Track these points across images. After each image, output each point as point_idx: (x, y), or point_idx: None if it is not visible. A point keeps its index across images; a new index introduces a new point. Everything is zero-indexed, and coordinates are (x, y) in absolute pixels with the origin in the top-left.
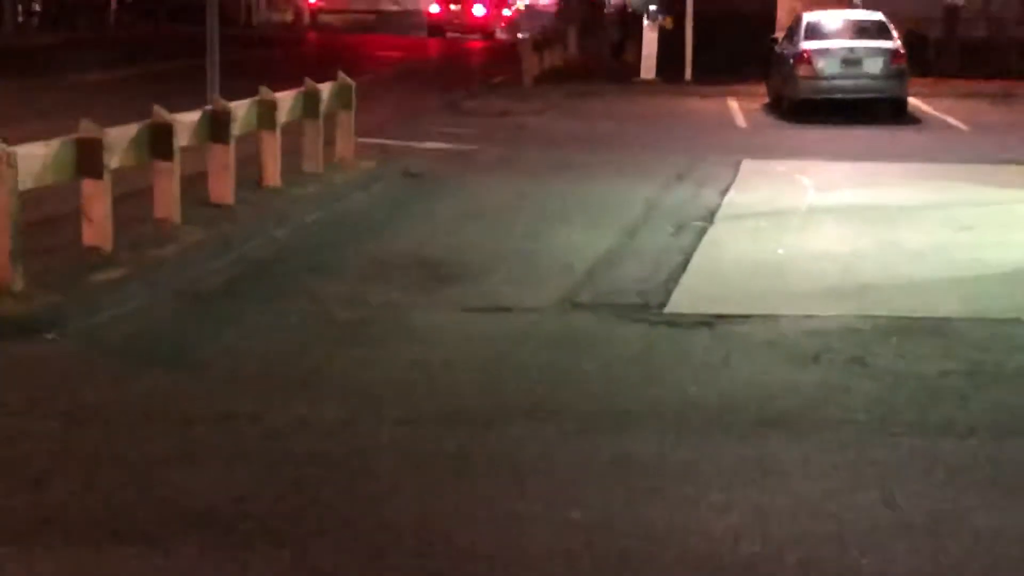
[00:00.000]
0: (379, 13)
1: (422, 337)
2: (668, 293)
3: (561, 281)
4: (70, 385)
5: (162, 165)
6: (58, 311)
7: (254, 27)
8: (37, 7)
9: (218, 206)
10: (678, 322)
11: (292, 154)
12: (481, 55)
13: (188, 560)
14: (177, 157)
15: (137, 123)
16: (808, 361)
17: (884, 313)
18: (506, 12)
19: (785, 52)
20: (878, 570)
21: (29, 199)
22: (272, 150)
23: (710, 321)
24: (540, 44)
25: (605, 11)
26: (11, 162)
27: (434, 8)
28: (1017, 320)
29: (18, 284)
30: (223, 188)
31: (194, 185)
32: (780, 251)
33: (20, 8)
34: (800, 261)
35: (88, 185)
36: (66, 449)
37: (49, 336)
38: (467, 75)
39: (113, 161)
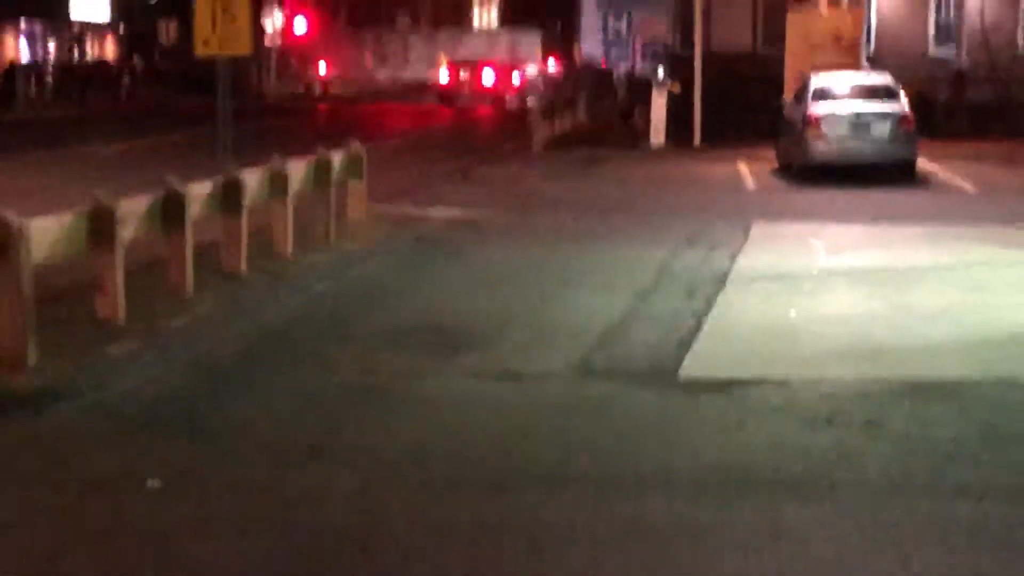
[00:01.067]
0: (390, 82)
1: (435, 404)
2: (681, 358)
3: (574, 346)
4: (84, 457)
5: (175, 236)
6: (71, 383)
7: (265, 97)
8: (50, 80)
9: (231, 275)
10: (692, 387)
11: (304, 222)
12: (491, 122)
13: None
14: (189, 228)
15: (149, 194)
16: (822, 424)
17: (897, 376)
18: (515, 79)
19: (793, 116)
20: None
21: (42, 271)
22: (284, 219)
23: (724, 385)
24: (549, 111)
25: (614, 77)
26: (24, 235)
27: (444, 76)
28: None
29: (32, 357)
30: (235, 258)
31: (207, 254)
32: (792, 314)
33: (33, 81)
34: (812, 324)
35: (101, 257)
36: (81, 521)
37: (62, 408)
38: (478, 142)
39: (126, 233)
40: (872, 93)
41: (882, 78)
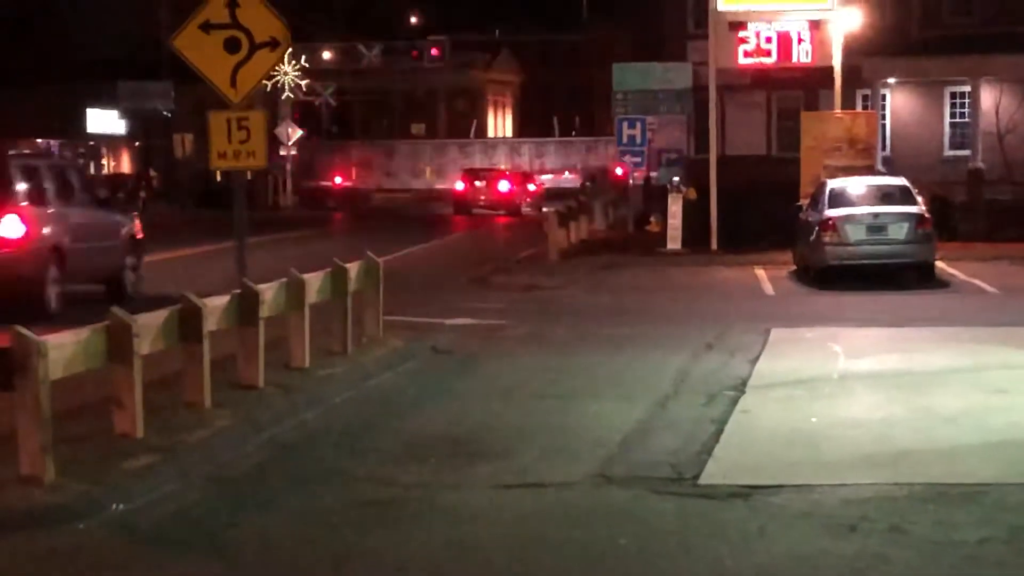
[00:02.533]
0: (406, 192)
1: (454, 516)
2: (701, 465)
3: (593, 455)
4: (103, 574)
5: (191, 349)
6: (89, 500)
7: (280, 209)
8: None
9: (248, 388)
10: (712, 494)
11: (321, 334)
12: (507, 230)
13: None
14: (206, 341)
15: (166, 309)
16: (845, 531)
17: (920, 480)
18: (531, 187)
19: (810, 219)
20: None
21: (59, 385)
22: (301, 331)
23: (745, 492)
24: (565, 218)
25: (629, 184)
26: (42, 352)
27: (459, 185)
28: None
29: (49, 474)
30: (252, 371)
31: (224, 367)
32: (813, 419)
33: None
34: (833, 429)
35: (118, 372)
36: None
37: (81, 526)
38: (494, 251)
39: (143, 347)
40: (888, 195)
41: (898, 180)
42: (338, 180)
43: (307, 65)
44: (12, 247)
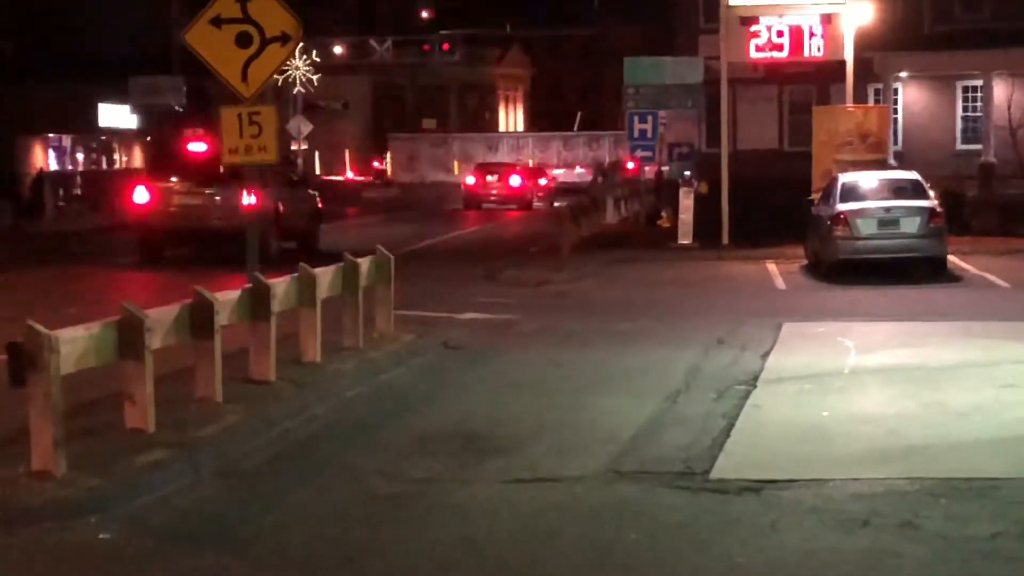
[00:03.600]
0: (418, 185)
1: (466, 511)
2: (713, 459)
3: (604, 450)
4: (114, 569)
5: (203, 344)
6: (101, 495)
7: None
8: (77, 192)
9: (259, 383)
10: (723, 489)
11: (332, 329)
12: (518, 225)
13: None
14: (218, 336)
15: (178, 303)
16: (857, 526)
17: (932, 475)
18: (542, 182)
19: (822, 214)
20: None
21: (71, 380)
22: (312, 326)
23: (756, 487)
24: (577, 213)
25: (641, 178)
26: (53, 347)
27: (470, 179)
28: None
29: (61, 469)
30: (264, 365)
31: (235, 362)
32: (824, 414)
33: (61, 193)
34: (845, 424)
35: (130, 367)
36: None
37: (92, 520)
38: (505, 245)
39: (154, 342)
40: (900, 189)
41: (910, 174)
42: (350, 175)
43: (318, 60)
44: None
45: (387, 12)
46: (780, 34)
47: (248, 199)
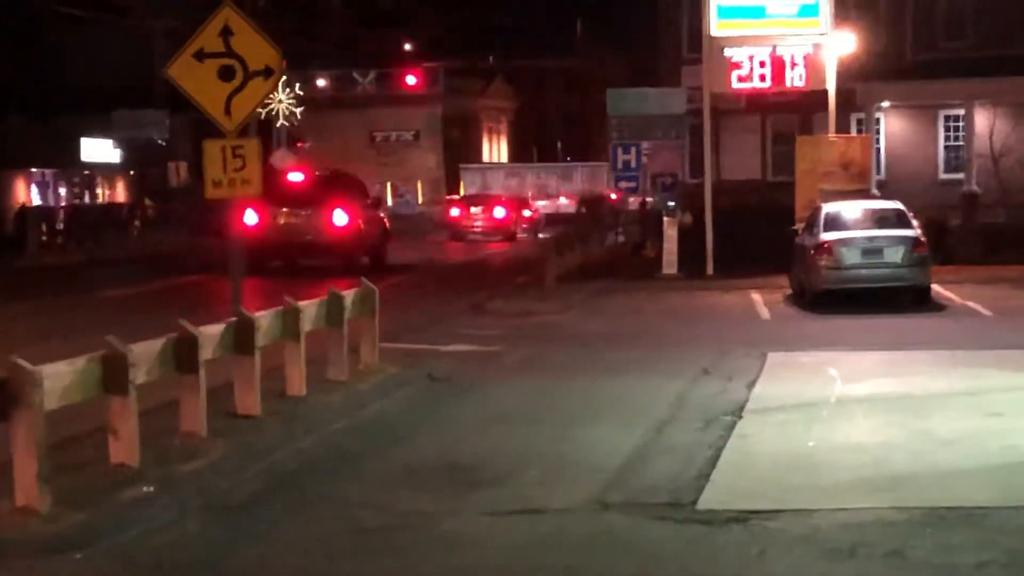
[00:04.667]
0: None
1: (452, 544)
2: (699, 490)
3: (591, 481)
4: None
5: (188, 379)
6: (86, 530)
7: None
8: (60, 226)
9: (244, 417)
10: (711, 519)
11: (317, 361)
12: (503, 257)
13: None
14: (202, 371)
15: (162, 338)
16: (844, 556)
17: (919, 504)
18: (527, 213)
19: (806, 243)
20: None
21: (55, 415)
22: (297, 359)
23: (743, 517)
24: (561, 244)
25: (625, 209)
26: (37, 383)
27: (455, 211)
28: None
29: (45, 504)
30: (249, 399)
31: (220, 396)
32: (810, 444)
33: (44, 227)
34: (831, 453)
35: (114, 402)
36: None
37: (77, 556)
38: (489, 277)
39: (139, 377)
40: (884, 219)
41: (893, 204)
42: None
43: (301, 93)
44: (343, 230)
45: (370, 45)
46: (763, 64)
47: (340, 220)
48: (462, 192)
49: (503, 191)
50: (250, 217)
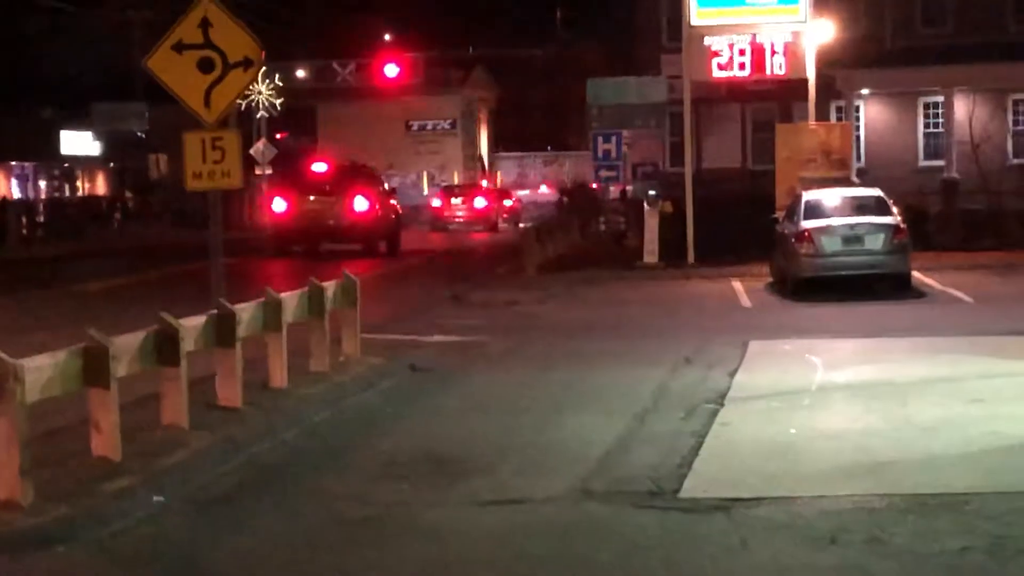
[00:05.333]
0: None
1: (434, 535)
2: (682, 478)
3: (573, 470)
4: None
5: (169, 371)
6: (68, 523)
7: (257, 229)
8: (40, 219)
9: (226, 409)
10: (693, 507)
11: (298, 353)
12: (484, 247)
13: None
14: (184, 363)
15: (143, 330)
16: (826, 543)
17: (900, 491)
18: (507, 203)
19: (786, 231)
20: None
21: (36, 408)
22: (278, 351)
23: (725, 505)
24: (542, 234)
25: (607, 199)
26: (18, 376)
27: (436, 202)
28: None
29: (27, 497)
30: (230, 391)
31: (201, 388)
32: (792, 431)
33: (24, 220)
34: (812, 441)
35: (95, 395)
36: None
37: (60, 549)
38: (471, 267)
39: (120, 370)
40: (864, 206)
41: (873, 191)
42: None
43: (280, 84)
44: (365, 216)
45: (350, 36)
46: (742, 52)
47: (360, 207)
48: (499, 181)
49: (540, 178)
50: (279, 204)
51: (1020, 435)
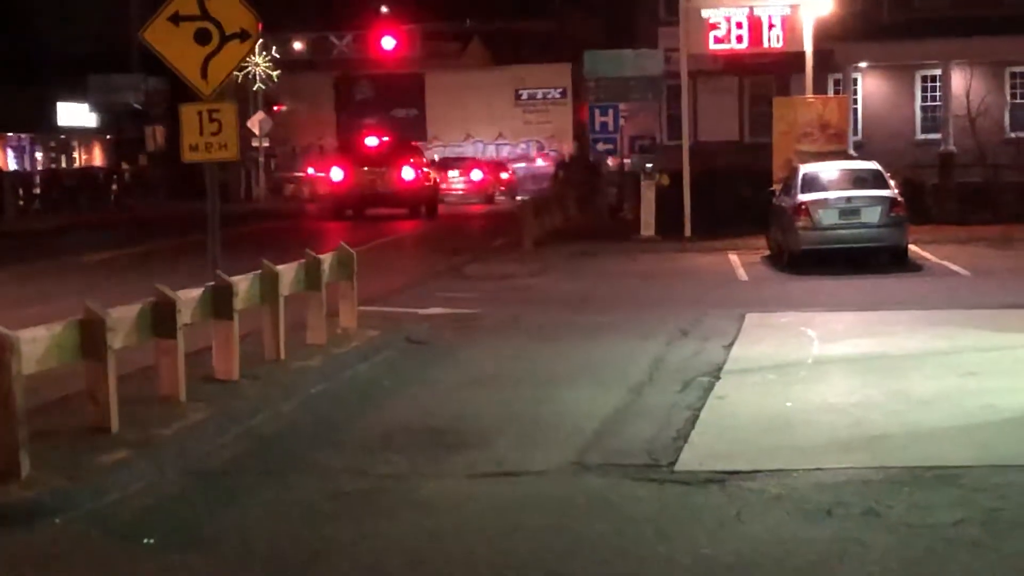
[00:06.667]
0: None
1: (431, 507)
2: (677, 451)
3: (569, 443)
4: (79, 569)
5: (166, 343)
6: (65, 495)
7: (254, 201)
8: (37, 191)
9: (223, 381)
10: (689, 480)
11: (295, 325)
12: (481, 220)
13: None
14: (180, 335)
15: (140, 302)
16: (821, 515)
17: (895, 464)
18: (504, 176)
19: (783, 204)
20: None
21: (33, 380)
22: (275, 323)
23: (721, 478)
24: (539, 206)
25: (603, 171)
26: (14, 348)
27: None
28: None
29: (24, 469)
30: (227, 363)
31: (198, 360)
32: (788, 404)
33: (21, 192)
34: (808, 413)
35: (92, 367)
36: None
37: (57, 520)
38: (467, 240)
39: (116, 342)
40: (861, 180)
41: (870, 164)
42: (311, 171)
43: (278, 56)
44: (413, 183)
45: (347, 7)
46: (739, 25)
47: (408, 176)
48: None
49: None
50: (336, 174)
51: (1015, 408)
